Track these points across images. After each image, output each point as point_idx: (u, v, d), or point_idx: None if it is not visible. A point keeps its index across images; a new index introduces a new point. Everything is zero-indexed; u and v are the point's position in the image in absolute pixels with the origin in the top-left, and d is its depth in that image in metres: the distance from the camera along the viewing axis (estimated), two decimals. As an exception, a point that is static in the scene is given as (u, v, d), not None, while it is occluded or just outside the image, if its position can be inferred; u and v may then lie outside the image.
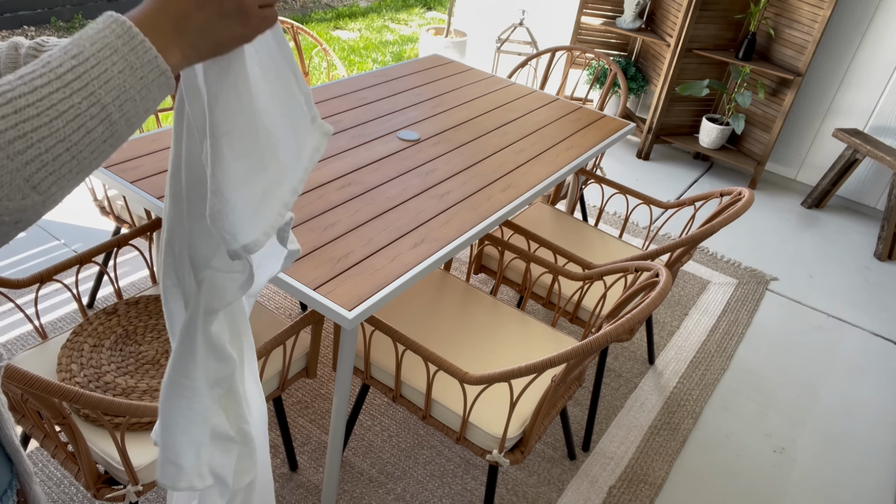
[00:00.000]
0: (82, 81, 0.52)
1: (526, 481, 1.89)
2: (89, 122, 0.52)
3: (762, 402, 2.32)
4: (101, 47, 0.53)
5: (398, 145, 1.95)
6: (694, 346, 2.52)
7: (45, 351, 1.47)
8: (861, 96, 3.50)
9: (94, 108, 0.52)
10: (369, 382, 1.63)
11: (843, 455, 2.16)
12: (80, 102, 0.51)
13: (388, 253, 1.47)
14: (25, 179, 0.49)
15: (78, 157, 0.52)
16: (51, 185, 0.51)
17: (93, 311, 2.28)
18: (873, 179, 3.61)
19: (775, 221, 3.51)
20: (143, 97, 0.56)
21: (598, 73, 3.43)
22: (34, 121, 0.49)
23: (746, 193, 1.82)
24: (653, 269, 1.53)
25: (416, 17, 6.46)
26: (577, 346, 1.24)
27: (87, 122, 0.52)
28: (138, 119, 0.56)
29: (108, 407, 1.10)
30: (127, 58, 0.54)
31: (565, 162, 2.00)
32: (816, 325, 2.76)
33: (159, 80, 0.57)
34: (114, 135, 0.54)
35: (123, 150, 1.69)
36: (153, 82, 0.56)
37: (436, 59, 2.71)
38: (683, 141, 3.86)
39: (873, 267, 3.24)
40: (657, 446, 2.07)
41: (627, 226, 3.23)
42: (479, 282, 2.64)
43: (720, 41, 3.68)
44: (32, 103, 0.49)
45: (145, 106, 0.56)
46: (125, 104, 0.54)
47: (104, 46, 0.53)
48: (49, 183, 0.51)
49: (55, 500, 1.66)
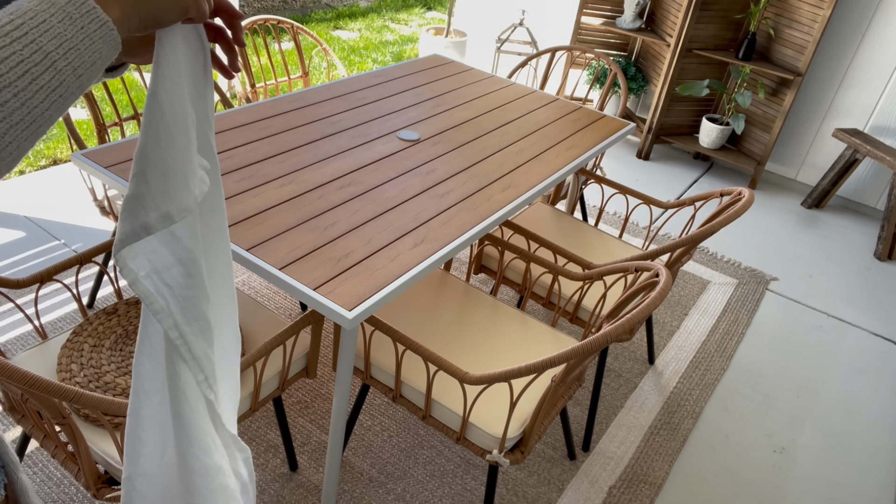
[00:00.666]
0: (22, 31, 0.52)
1: (526, 481, 1.90)
2: (34, 68, 0.52)
3: (762, 402, 2.32)
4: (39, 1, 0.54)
5: (398, 145, 1.95)
6: (694, 346, 2.52)
7: (45, 351, 1.47)
8: (861, 96, 3.50)
9: (37, 55, 0.52)
10: (369, 382, 1.63)
11: (843, 455, 2.16)
12: (22, 49, 0.51)
13: (388, 253, 1.47)
14: None
15: (28, 104, 0.52)
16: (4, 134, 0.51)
17: (93, 311, 2.28)
18: (873, 179, 3.61)
19: (775, 221, 3.51)
20: (87, 47, 0.56)
21: (598, 73, 3.43)
22: None
23: (746, 193, 1.82)
24: (653, 269, 1.53)
25: (416, 17, 6.46)
26: (577, 346, 1.24)
27: (31, 69, 0.52)
28: (86, 70, 0.57)
29: (108, 407, 1.10)
30: (65, 9, 0.55)
31: (565, 162, 2.00)
32: (816, 324, 2.76)
33: (101, 30, 0.57)
34: (62, 83, 0.55)
35: (124, 150, 1.69)
36: (95, 32, 0.57)
37: (436, 59, 2.71)
38: (683, 141, 3.86)
39: (873, 267, 3.24)
40: (657, 446, 2.07)
41: (627, 226, 3.23)
42: (479, 282, 2.64)
43: (720, 41, 3.68)
44: None
45: (91, 57, 0.57)
46: (69, 52, 0.55)
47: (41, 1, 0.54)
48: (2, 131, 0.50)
49: (55, 500, 1.66)
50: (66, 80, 0.55)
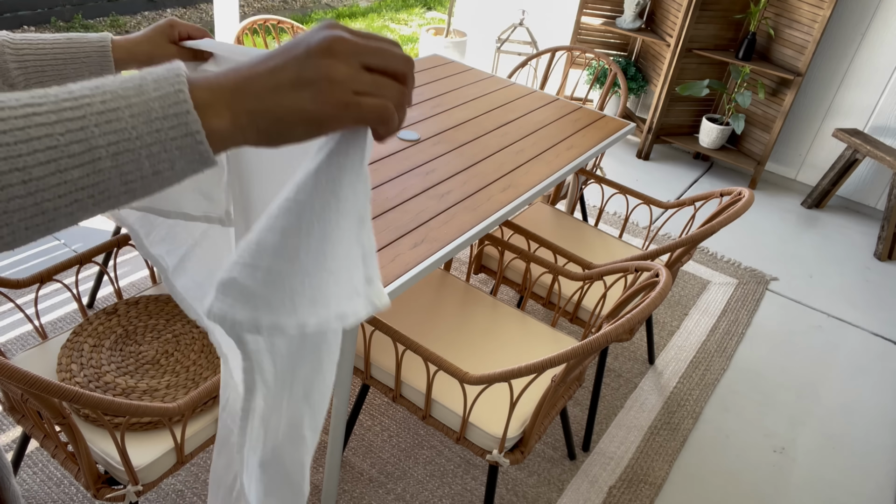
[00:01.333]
0: (77, 112, 0.40)
1: (526, 481, 1.89)
2: (65, 159, 0.40)
3: (762, 402, 2.32)
4: (130, 85, 0.42)
5: (398, 145, 1.95)
6: (694, 346, 2.52)
7: (45, 351, 1.47)
8: (861, 96, 3.50)
9: (78, 145, 0.40)
10: (369, 382, 1.63)
11: (843, 455, 2.16)
12: (63, 134, 0.40)
13: (388, 253, 1.47)
14: None
15: (38, 197, 0.40)
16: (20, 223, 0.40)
17: (93, 311, 2.28)
18: (873, 179, 3.61)
19: (775, 221, 3.51)
20: (151, 155, 0.42)
21: (598, 73, 3.43)
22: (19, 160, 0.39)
23: (746, 193, 1.82)
24: (653, 269, 1.53)
25: (416, 17, 6.47)
26: (577, 346, 1.24)
27: (61, 159, 0.40)
28: (141, 181, 0.43)
29: (108, 407, 1.10)
30: (149, 102, 0.42)
31: (565, 162, 2.00)
32: (816, 325, 2.76)
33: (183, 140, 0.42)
34: (98, 186, 0.41)
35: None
36: (173, 140, 0.42)
37: (436, 59, 2.71)
38: (683, 141, 3.86)
39: (873, 267, 3.24)
40: (657, 446, 2.07)
41: (627, 226, 3.23)
42: (479, 282, 2.64)
43: (720, 41, 3.68)
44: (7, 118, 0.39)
45: (155, 167, 0.42)
46: (122, 154, 0.41)
47: (133, 85, 0.42)
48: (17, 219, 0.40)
49: (55, 500, 1.66)
50: (107, 185, 0.42)
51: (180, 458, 1.33)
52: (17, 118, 0.39)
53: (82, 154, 0.40)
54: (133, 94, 0.41)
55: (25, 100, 0.40)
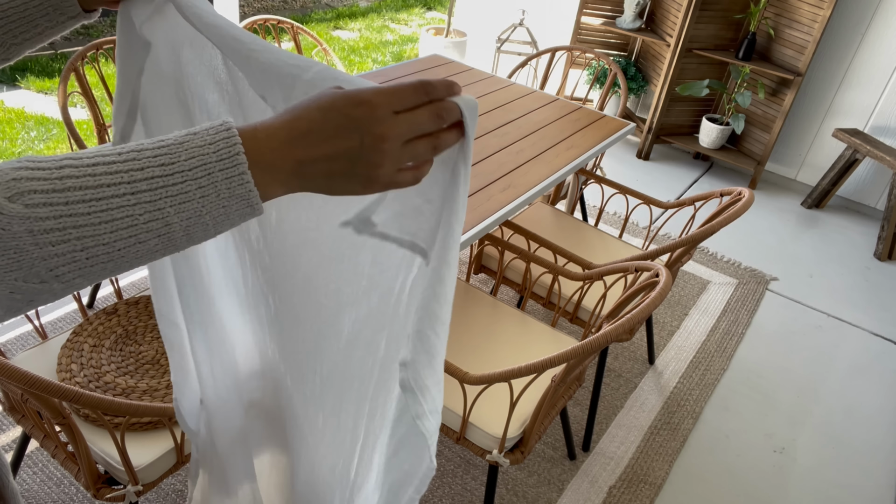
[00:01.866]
0: (154, 195, 0.45)
1: (526, 481, 1.89)
2: (143, 234, 0.45)
3: (762, 402, 2.32)
4: (196, 165, 0.46)
5: (398, 145, 1.95)
6: (694, 346, 2.52)
7: (45, 351, 1.47)
8: (861, 96, 3.50)
9: (156, 223, 0.45)
10: (369, 382, 1.63)
11: (843, 455, 2.16)
12: (142, 215, 0.45)
13: (388, 253, 1.47)
14: (49, 269, 0.43)
15: (117, 259, 0.46)
16: (75, 278, 0.45)
17: (93, 311, 2.28)
18: (873, 179, 3.61)
19: (775, 221, 3.51)
20: (217, 222, 0.48)
21: (598, 73, 3.43)
22: (80, 219, 0.43)
23: (746, 193, 1.82)
24: (653, 269, 1.53)
25: (416, 17, 6.46)
26: (577, 346, 1.24)
27: (140, 235, 0.45)
28: (205, 237, 0.48)
29: (108, 407, 1.10)
30: (217, 185, 0.47)
31: (565, 162, 2.00)
32: (816, 325, 2.76)
33: (244, 210, 0.49)
34: (168, 247, 0.47)
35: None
36: (236, 212, 0.48)
37: (436, 59, 2.71)
38: (683, 141, 3.86)
39: (873, 267, 3.24)
40: (657, 446, 2.07)
41: (627, 226, 3.23)
42: (479, 282, 2.64)
43: (720, 41, 3.68)
44: (88, 200, 0.43)
45: (219, 229, 0.48)
46: (193, 227, 0.47)
47: (199, 165, 0.46)
48: (74, 275, 0.45)
49: (55, 500, 1.66)
50: (176, 246, 0.47)
51: (180, 458, 1.33)
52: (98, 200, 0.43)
53: (160, 229, 0.46)
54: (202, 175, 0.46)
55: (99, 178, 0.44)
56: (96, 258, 0.44)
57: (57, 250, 0.43)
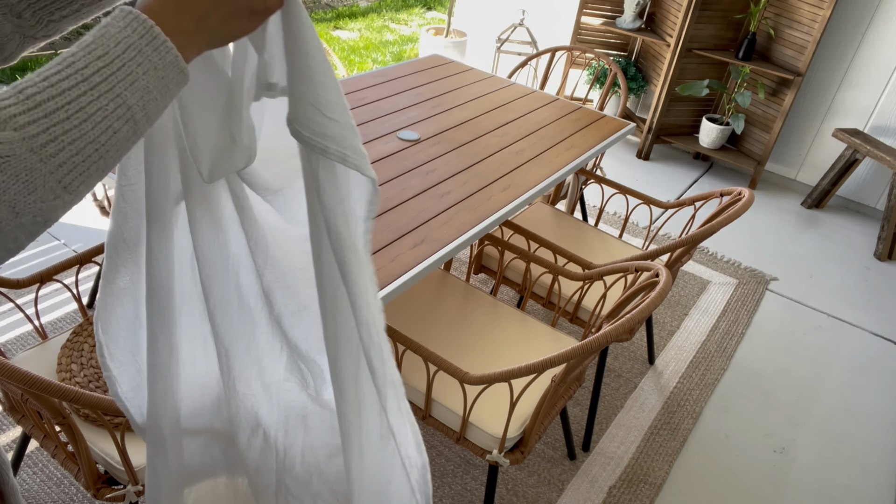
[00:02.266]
0: (109, 84, 0.52)
1: (526, 481, 1.89)
2: (115, 122, 0.53)
3: (762, 402, 2.32)
4: (126, 48, 0.53)
5: (398, 145, 1.95)
6: (694, 346, 2.52)
7: (45, 351, 1.47)
8: (861, 96, 3.50)
9: (121, 109, 0.53)
10: (369, 382, 1.63)
11: (843, 455, 2.16)
12: (108, 104, 0.52)
13: (388, 253, 1.47)
14: (58, 181, 0.50)
15: (105, 156, 0.53)
16: (80, 185, 0.52)
17: (93, 311, 2.28)
18: (873, 179, 3.61)
19: (775, 221, 3.51)
20: (163, 95, 0.56)
21: (598, 73, 3.43)
22: (65, 124, 0.50)
23: (746, 193, 1.82)
24: (653, 269, 1.53)
25: (416, 17, 6.46)
26: (577, 346, 1.24)
27: (114, 124, 0.53)
28: (157, 115, 0.57)
29: (108, 407, 1.10)
30: (151, 58, 0.55)
31: (565, 162, 2.00)
32: (816, 325, 2.76)
33: (178, 77, 0.57)
34: (136, 132, 0.56)
35: (123, 150, 1.69)
36: (173, 80, 0.57)
37: (436, 59, 2.71)
38: (683, 141, 3.87)
39: (873, 267, 3.24)
40: (657, 446, 2.07)
41: (627, 226, 3.23)
42: (479, 282, 2.64)
43: (720, 41, 3.68)
44: (62, 106, 0.50)
45: (164, 102, 0.57)
46: (148, 104, 0.55)
47: (128, 47, 0.53)
48: (79, 182, 0.52)
49: (55, 500, 1.66)
50: (140, 128, 0.56)
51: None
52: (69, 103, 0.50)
53: (125, 114, 0.54)
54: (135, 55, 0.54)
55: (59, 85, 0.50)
56: (89, 158, 0.52)
57: (59, 159, 0.49)
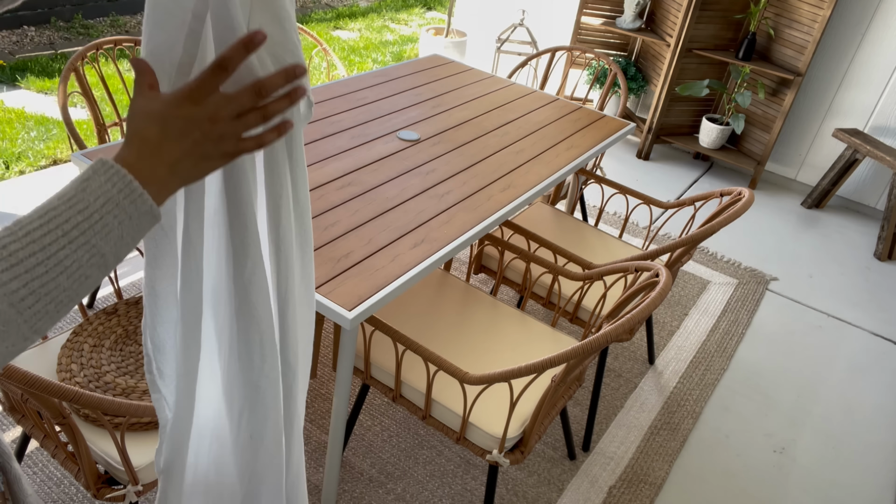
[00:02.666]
0: (86, 236, 0.55)
1: (526, 481, 1.90)
2: (89, 269, 0.56)
3: (762, 402, 2.32)
4: (105, 202, 0.56)
5: (398, 145, 1.95)
6: (694, 346, 2.52)
7: (45, 351, 1.47)
8: (861, 96, 3.50)
9: (95, 258, 0.56)
10: (369, 382, 1.63)
11: (843, 455, 2.16)
12: (83, 255, 0.55)
13: (388, 253, 1.47)
14: (30, 327, 0.53)
15: (74, 298, 0.56)
16: (48, 326, 0.55)
17: (93, 311, 2.28)
18: (873, 179, 3.61)
19: (775, 221, 3.51)
20: (135, 239, 0.60)
21: (598, 73, 3.43)
22: (43, 278, 0.53)
23: (746, 193, 1.82)
24: (653, 269, 1.53)
25: (416, 17, 6.46)
26: (577, 346, 1.24)
27: (87, 271, 0.56)
28: (127, 252, 0.61)
29: (108, 407, 1.10)
30: (127, 210, 0.58)
31: (565, 162, 2.00)
32: (816, 324, 2.76)
33: (151, 221, 0.60)
34: (106, 272, 0.59)
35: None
36: (146, 225, 0.60)
37: (436, 59, 2.71)
38: (683, 141, 3.87)
39: (873, 267, 3.24)
40: (657, 446, 2.07)
41: (627, 226, 3.23)
42: (479, 282, 2.64)
43: (720, 41, 3.68)
44: (42, 262, 0.53)
45: (135, 243, 0.61)
46: (121, 249, 0.58)
47: (107, 201, 0.57)
48: (47, 324, 0.55)
49: (55, 500, 1.66)
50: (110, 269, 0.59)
51: (180, 458, 1.33)
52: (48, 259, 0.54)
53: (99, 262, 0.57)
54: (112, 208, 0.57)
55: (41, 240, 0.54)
56: (61, 304, 0.55)
57: (34, 309, 0.53)
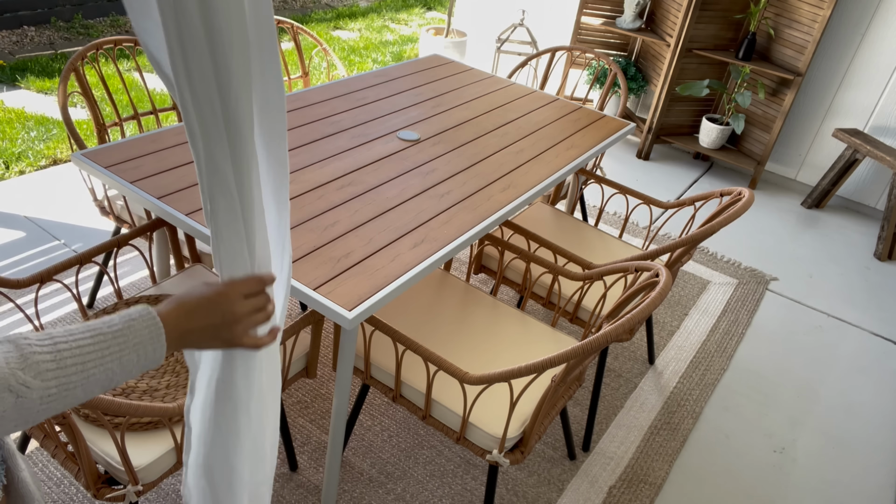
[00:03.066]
0: (112, 363, 0.68)
1: (526, 481, 1.90)
2: (97, 388, 0.67)
3: (762, 402, 2.32)
4: (137, 343, 0.70)
5: (398, 145, 1.95)
6: (694, 346, 2.52)
7: (45, 351, 1.47)
8: (861, 96, 3.50)
9: (106, 381, 0.68)
10: (369, 382, 1.63)
11: (843, 455, 2.16)
12: (101, 376, 0.67)
13: (388, 253, 1.47)
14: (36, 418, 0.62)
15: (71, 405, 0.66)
16: (43, 419, 0.64)
17: (93, 311, 2.28)
18: (873, 179, 3.61)
19: (775, 221, 3.51)
20: (137, 372, 0.72)
21: (598, 73, 3.43)
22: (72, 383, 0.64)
23: (746, 193, 1.82)
24: (653, 269, 1.53)
25: (416, 17, 6.46)
26: (577, 346, 1.24)
27: (96, 389, 0.67)
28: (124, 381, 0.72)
29: (108, 407, 1.10)
30: (147, 353, 0.71)
31: (565, 162, 2.00)
32: (816, 325, 2.76)
33: (152, 364, 0.73)
34: (101, 393, 0.69)
35: (124, 150, 1.69)
36: (149, 367, 0.73)
37: (436, 59, 2.71)
38: (683, 141, 3.86)
39: (873, 267, 3.24)
40: (657, 446, 2.07)
41: (627, 226, 3.23)
42: (479, 282, 2.64)
43: (720, 41, 3.68)
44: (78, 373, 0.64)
45: (134, 375, 0.72)
46: (122, 379, 0.70)
47: (139, 343, 0.70)
48: (43, 418, 0.63)
49: (55, 500, 1.66)
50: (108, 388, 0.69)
51: (180, 458, 1.33)
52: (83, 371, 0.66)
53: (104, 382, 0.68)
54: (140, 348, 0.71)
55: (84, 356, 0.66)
56: (66, 406, 0.64)
57: (51, 406, 0.62)
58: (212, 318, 0.78)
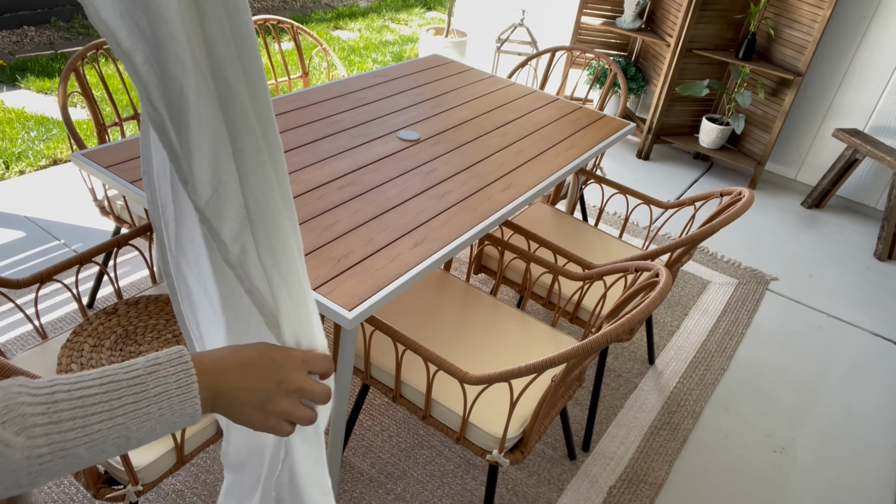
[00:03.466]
0: (126, 419, 0.55)
1: (526, 481, 1.89)
2: (109, 447, 0.54)
3: (762, 402, 2.32)
4: (160, 392, 0.56)
5: (398, 145, 1.95)
6: (694, 346, 2.52)
7: (45, 351, 1.47)
8: (861, 96, 3.50)
9: (121, 439, 0.55)
10: (369, 382, 1.63)
11: (843, 455, 2.16)
12: (111, 434, 0.54)
13: (388, 253, 1.47)
14: (30, 481, 0.51)
15: (81, 466, 0.54)
16: (45, 481, 0.52)
17: (93, 311, 2.28)
18: (873, 179, 3.61)
19: (775, 221, 3.51)
20: (164, 433, 0.58)
21: (598, 73, 3.42)
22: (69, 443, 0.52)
23: (746, 193, 1.82)
24: (653, 269, 1.53)
25: (416, 17, 6.46)
26: (577, 346, 1.24)
27: (107, 448, 0.54)
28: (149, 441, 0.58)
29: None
30: (173, 407, 0.57)
31: (565, 162, 2.00)
32: (816, 324, 2.76)
33: (186, 422, 0.59)
34: (119, 453, 0.56)
35: (124, 150, 1.69)
36: (180, 425, 0.59)
37: (436, 59, 2.71)
38: (683, 141, 3.86)
39: (873, 267, 3.24)
40: (657, 446, 2.07)
41: (627, 226, 3.23)
42: (479, 282, 2.64)
43: (720, 41, 3.68)
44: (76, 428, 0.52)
45: (161, 436, 0.60)
46: (145, 437, 0.57)
47: (162, 392, 0.57)
48: (45, 480, 0.52)
49: (55, 499, 1.66)
50: (125, 450, 0.57)
51: (180, 458, 1.33)
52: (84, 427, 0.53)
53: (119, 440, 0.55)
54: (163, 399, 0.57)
55: (88, 407, 0.53)
56: (68, 467, 0.53)
57: (42, 469, 0.51)
58: (266, 380, 0.64)
